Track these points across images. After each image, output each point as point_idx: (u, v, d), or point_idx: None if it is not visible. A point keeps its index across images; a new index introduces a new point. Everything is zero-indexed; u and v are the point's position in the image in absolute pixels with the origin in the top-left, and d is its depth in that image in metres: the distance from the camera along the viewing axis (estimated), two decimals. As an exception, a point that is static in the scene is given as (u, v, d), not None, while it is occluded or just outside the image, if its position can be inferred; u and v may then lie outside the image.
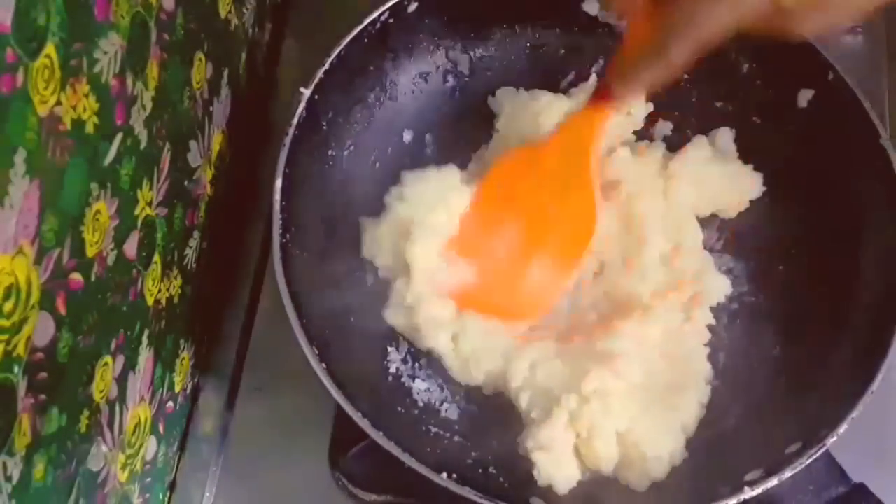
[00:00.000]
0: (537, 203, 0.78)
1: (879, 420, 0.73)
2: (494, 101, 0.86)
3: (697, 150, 0.82)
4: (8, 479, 0.52)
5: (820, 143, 0.80)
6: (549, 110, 0.83)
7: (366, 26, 0.79)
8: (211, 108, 0.84)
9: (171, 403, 0.79)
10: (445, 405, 0.78)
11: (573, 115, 0.77)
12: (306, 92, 0.77)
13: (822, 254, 0.79)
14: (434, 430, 0.75)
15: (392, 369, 0.78)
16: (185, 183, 0.78)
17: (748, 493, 0.66)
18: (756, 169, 0.83)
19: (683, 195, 0.81)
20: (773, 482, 0.66)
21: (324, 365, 0.69)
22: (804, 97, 0.81)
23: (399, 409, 0.76)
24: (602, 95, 0.72)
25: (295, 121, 0.76)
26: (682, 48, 0.59)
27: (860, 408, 0.67)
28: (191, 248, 0.81)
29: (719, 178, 0.82)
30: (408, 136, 0.87)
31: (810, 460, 0.66)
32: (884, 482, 0.71)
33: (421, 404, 0.77)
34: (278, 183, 0.74)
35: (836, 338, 0.74)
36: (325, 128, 0.80)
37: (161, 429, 0.77)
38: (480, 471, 0.72)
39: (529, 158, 0.78)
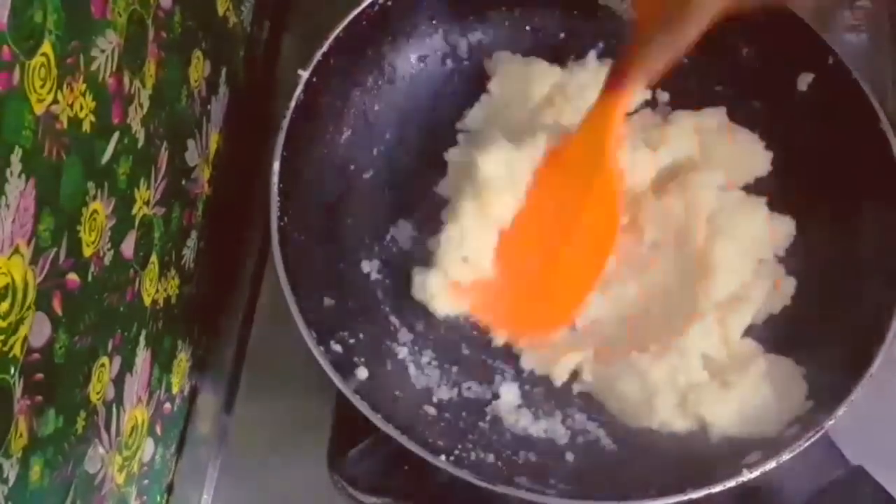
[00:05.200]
0: (561, 205, 0.76)
1: (878, 403, 0.73)
2: (490, 63, 0.87)
3: (711, 117, 0.82)
4: (4, 480, 0.51)
5: (820, 127, 0.80)
6: (542, 79, 0.83)
7: (364, 8, 0.79)
8: (209, 107, 0.84)
9: (168, 405, 0.79)
10: (441, 387, 0.77)
11: (589, 111, 0.74)
12: (304, 74, 0.76)
13: (821, 239, 0.79)
14: (430, 411, 0.75)
15: (392, 354, 0.78)
16: (183, 182, 0.78)
17: (747, 476, 0.66)
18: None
19: (684, 152, 0.81)
20: (771, 465, 0.66)
21: (322, 348, 0.69)
22: (804, 81, 0.81)
23: (397, 392, 0.76)
24: (615, 83, 0.71)
25: (293, 103, 0.75)
26: (693, 24, 0.61)
27: (858, 390, 0.67)
28: (188, 248, 0.81)
29: (729, 147, 0.82)
30: (406, 120, 0.86)
31: (808, 443, 0.66)
32: (882, 465, 0.71)
33: (419, 388, 0.77)
34: (276, 166, 0.73)
35: (834, 320, 0.74)
36: (323, 111, 0.80)
37: (158, 430, 0.77)
38: (475, 453, 0.72)
39: (555, 160, 0.77)
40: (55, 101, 0.53)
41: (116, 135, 0.63)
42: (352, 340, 0.75)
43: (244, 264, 0.89)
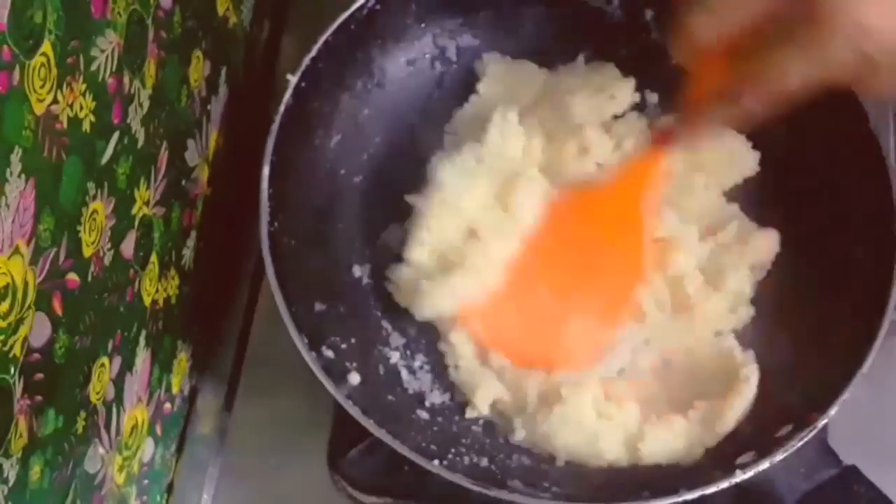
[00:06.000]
0: (585, 248, 0.77)
1: (870, 402, 0.73)
2: (480, 65, 0.86)
3: None
4: (4, 480, 0.51)
5: (810, 130, 0.79)
6: (530, 81, 0.83)
7: (353, 13, 0.79)
8: (209, 107, 0.83)
9: (168, 405, 0.79)
10: (434, 391, 0.77)
11: (629, 160, 0.77)
12: (293, 79, 0.76)
13: (813, 241, 0.78)
14: (423, 415, 0.75)
15: (384, 358, 0.78)
16: (183, 182, 0.78)
17: (740, 476, 0.66)
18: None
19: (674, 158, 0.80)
20: (764, 465, 0.66)
21: (313, 354, 0.69)
22: None
23: (389, 397, 0.76)
24: (662, 140, 0.72)
25: (282, 108, 0.75)
26: (761, 103, 0.58)
27: (851, 390, 0.67)
28: (188, 248, 0.81)
29: (716, 149, 0.81)
30: (396, 124, 0.86)
31: (801, 443, 0.66)
32: (875, 464, 0.71)
33: (411, 392, 0.77)
34: (265, 170, 0.73)
35: (826, 320, 0.74)
36: (312, 116, 0.79)
37: (158, 430, 0.77)
38: (468, 457, 0.72)
39: (582, 202, 0.77)
40: (55, 101, 0.53)
41: (116, 135, 0.63)
42: (343, 345, 0.75)
43: (244, 264, 0.89)
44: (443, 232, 0.77)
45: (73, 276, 0.58)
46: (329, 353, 0.72)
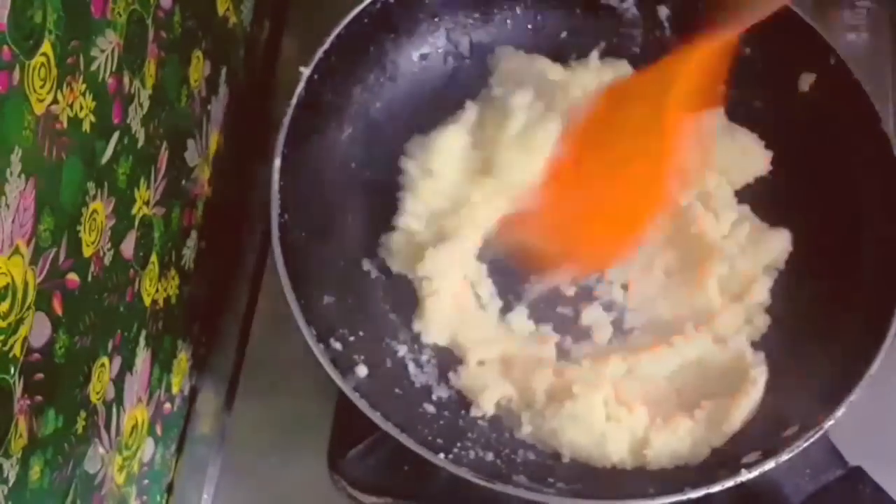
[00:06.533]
0: (618, 144, 0.74)
1: (876, 403, 0.73)
2: (492, 58, 0.87)
3: (710, 118, 0.82)
4: (4, 480, 0.51)
5: (821, 128, 0.80)
6: (543, 76, 0.84)
7: (366, 6, 0.80)
8: (209, 107, 0.83)
9: (168, 405, 0.79)
10: (441, 385, 0.77)
11: (674, 54, 0.71)
12: (306, 71, 0.76)
13: (822, 238, 0.79)
14: (429, 409, 0.75)
15: (392, 352, 0.78)
16: (183, 182, 0.78)
17: (745, 476, 0.66)
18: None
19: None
20: (770, 465, 0.66)
21: (322, 346, 0.69)
22: (805, 81, 0.81)
23: (397, 390, 0.76)
24: (706, 29, 0.68)
25: (294, 101, 0.76)
26: None
27: (858, 391, 0.67)
28: (188, 248, 0.81)
29: (728, 147, 0.81)
30: (407, 118, 0.86)
31: (808, 443, 0.66)
32: (881, 465, 0.71)
33: (418, 385, 0.77)
34: (277, 163, 0.74)
35: (834, 321, 0.74)
36: (324, 108, 0.80)
37: (158, 430, 0.77)
38: (474, 451, 0.72)
39: (620, 94, 0.76)
40: (55, 101, 0.53)
41: (116, 135, 0.63)
42: (351, 338, 0.75)
43: (244, 264, 0.89)
44: (434, 200, 0.78)
45: (73, 276, 0.58)
46: (337, 346, 0.72)
